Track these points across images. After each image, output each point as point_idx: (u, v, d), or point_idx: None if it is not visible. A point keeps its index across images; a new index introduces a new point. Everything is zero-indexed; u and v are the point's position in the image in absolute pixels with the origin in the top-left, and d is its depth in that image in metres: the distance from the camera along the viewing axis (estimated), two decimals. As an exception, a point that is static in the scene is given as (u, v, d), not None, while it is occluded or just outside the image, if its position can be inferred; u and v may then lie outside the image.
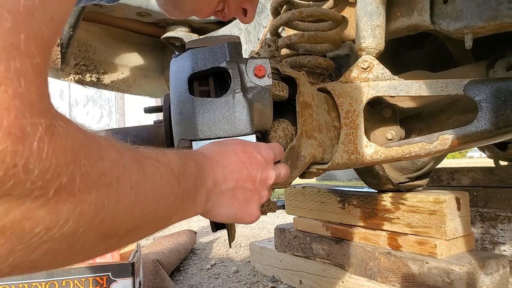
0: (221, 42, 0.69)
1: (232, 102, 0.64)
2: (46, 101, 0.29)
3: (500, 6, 0.86)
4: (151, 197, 0.39)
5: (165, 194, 0.42)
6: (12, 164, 0.25)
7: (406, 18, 1.01)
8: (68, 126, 0.30)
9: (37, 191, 0.27)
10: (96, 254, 0.37)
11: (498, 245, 1.66)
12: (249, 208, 0.56)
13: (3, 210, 0.26)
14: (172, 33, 1.64)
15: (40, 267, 0.32)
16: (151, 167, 0.40)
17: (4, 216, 0.26)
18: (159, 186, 0.41)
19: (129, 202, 0.36)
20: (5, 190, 0.25)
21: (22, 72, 0.26)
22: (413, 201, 1.31)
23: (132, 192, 0.36)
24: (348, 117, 0.90)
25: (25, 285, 1.13)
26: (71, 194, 0.29)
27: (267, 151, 0.61)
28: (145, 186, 0.38)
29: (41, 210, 0.28)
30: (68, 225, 0.30)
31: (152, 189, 0.39)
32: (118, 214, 0.35)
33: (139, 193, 0.37)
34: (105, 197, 0.33)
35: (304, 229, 1.69)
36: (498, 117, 0.78)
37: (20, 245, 0.28)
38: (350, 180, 6.82)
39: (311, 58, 0.99)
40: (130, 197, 0.36)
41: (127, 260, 1.24)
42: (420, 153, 0.86)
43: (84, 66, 1.76)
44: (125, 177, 0.35)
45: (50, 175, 0.27)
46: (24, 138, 0.26)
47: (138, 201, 0.37)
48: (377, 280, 1.31)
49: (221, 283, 1.75)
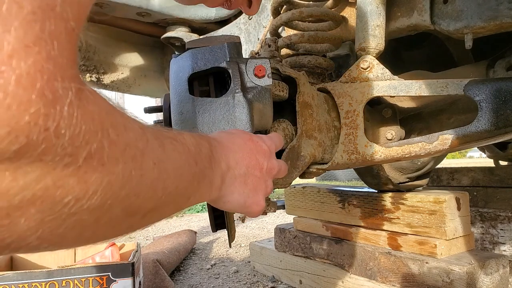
0: (221, 42, 0.69)
1: (232, 102, 0.64)
2: (75, 67, 0.28)
3: (500, 6, 0.86)
4: (172, 175, 0.39)
5: (185, 173, 0.42)
6: (44, 127, 0.25)
7: (406, 18, 1.01)
8: (95, 93, 0.30)
9: (67, 158, 0.27)
10: (120, 232, 0.37)
11: (498, 245, 1.66)
12: (257, 196, 0.56)
13: (35, 177, 0.26)
14: (172, 33, 1.64)
15: (67, 242, 0.31)
16: (170, 145, 0.40)
17: (35, 184, 0.26)
18: (178, 165, 0.41)
19: (152, 177, 0.36)
20: (37, 155, 0.25)
21: (56, 35, 0.26)
22: (413, 201, 1.31)
23: (155, 168, 0.36)
24: (348, 117, 0.90)
25: (25, 285, 1.13)
26: (100, 163, 0.29)
27: (269, 142, 0.61)
28: (166, 163, 0.38)
29: (71, 179, 0.27)
30: (96, 196, 0.29)
31: (173, 167, 0.39)
32: (141, 189, 0.35)
33: (161, 169, 0.37)
34: (131, 169, 0.32)
35: (304, 229, 1.69)
36: (498, 117, 0.78)
37: (50, 215, 0.27)
38: (350, 180, 6.82)
39: (311, 58, 0.99)
40: (153, 172, 0.36)
41: (127, 260, 1.24)
42: (420, 153, 0.86)
43: (84, 66, 1.76)
44: (148, 152, 0.35)
45: (79, 142, 0.27)
46: (56, 102, 0.25)
47: (160, 177, 0.37)
48: (377, 280, 1.31)
49: (221, 283, 1.75)
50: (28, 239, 0.28)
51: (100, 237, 0.35)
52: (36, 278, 1.14)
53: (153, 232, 3.17)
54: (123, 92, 1.99)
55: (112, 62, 1.85)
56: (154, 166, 0.36)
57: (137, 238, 2.91)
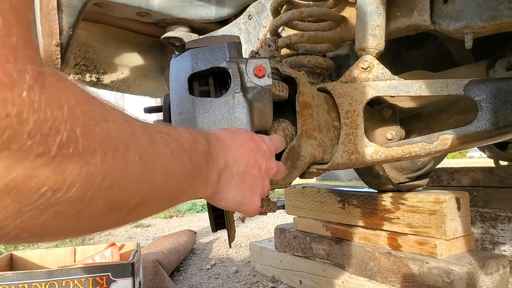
0: (221, 42, 0.69)
1: (232, 102, 0.64)
2: (30, 48, 0.27)
3: (500, 6, 0.86)
4: (161, 170, 0.38)
5: (176, 169, 0.41)
6: (4, 113, 0.24)
7: (406, 18, 1.01)
8: (63, 80, 0.29)
9: (37, 146, 0.26)
10: (105, 226, 0.36)
11: (498, 245, 1.66)
12: (254, 196, 0.56)
13: (5, 166, 0.25)
14: (172, 33, 1.64)
15: (49, 233, 0.31)
16: (161, 140, 0.39)
17: (7, 174, 0.25)
18: (169, 161, 0.40)
19: (138, 172, 0.35)
20: (3, 143, 0.24)
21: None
22: (413, 201, 1.30)
23: (141, 162, 0.35)
24: (348, 117, 0.90)
25: (25, 285, 1.13)
26: (75, 153, 0.28)
27: (270, 142, 0.61)
28: (155, 158, 0.37)
29: (45, 169, 0.27)
30: (75, 187, 0.29)
31: (162, 163, 0.39)
32: (126, 183, 0.34)
33: (149, 164, 0.36)
34: (113, 162, 0.32)
35: (304, 229, 1.69)
36: (498, 117, 0.78)
37: (27, 206, 0.27)
38: (350, 180, 6.83)
39: (311, 58, 0.99)
40: (139, 166, 0.35)
41: (127, 260, 1.24)
42: (420, 153, 0.86)
43: (84, 66, 1.76)
44: (133, 145, 0.34)
45: (47, 130, 0.26)
46: (12, 86, 0.24)
47: (148, 172, 0.36)
48: (377, 280, 1.31)
49: (221, 283, 1.75)
50: (6, 228, 0.27)
51: (85, 230, 0.35)
52: (36, 278, 1.14)
53: (153, 232, 3.17)
54: (123, 92, 1.99)
55: (112, 62, 1.85)
56: (140, 160, 0.35)
57: (137, 238, 2.91)
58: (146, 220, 3.78)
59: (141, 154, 0.35)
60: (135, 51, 1.91)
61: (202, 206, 4.14)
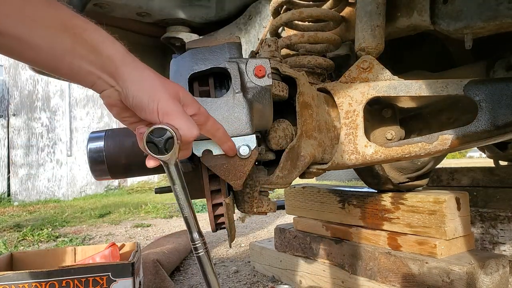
0: (221, 42, 0.69)
1: (232, 102, 0.64)
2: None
3: (500, 6, 0.86)
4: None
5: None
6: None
7: (406, 18, 1.01)
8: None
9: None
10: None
11: (498, 245, 1.66)
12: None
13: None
14: (172, 33, 1.64)
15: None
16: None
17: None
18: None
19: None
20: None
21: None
22: (413, 201, 1.31)
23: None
24: (348, 117, 0.90)
25: (25, 285, 1.13)
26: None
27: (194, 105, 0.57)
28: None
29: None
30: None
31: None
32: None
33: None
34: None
35: (304, 229, 1.69)
36: (497, 117, 0.78)
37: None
38: (350, 180, 6.83)
39: (311, 58, 0.99)
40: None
41: (127, 260, 1.24)
42: (420, 153, 0.86)
43: (84, 66, 1.75)
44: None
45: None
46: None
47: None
48: (377, 280, 1.31)
49: (221, 283, 1.75)
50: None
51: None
52: (36, 278, 1.14)
53: (153, 232, 3.17)
54: (123, 92, 1.99)
55: (112, 62, 1.84)
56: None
57: (137, 238, 2.91)
58: (146, 220, 3.78)
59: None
60: (135, 51, 1.91)
61: (202, 206, 4.14)
